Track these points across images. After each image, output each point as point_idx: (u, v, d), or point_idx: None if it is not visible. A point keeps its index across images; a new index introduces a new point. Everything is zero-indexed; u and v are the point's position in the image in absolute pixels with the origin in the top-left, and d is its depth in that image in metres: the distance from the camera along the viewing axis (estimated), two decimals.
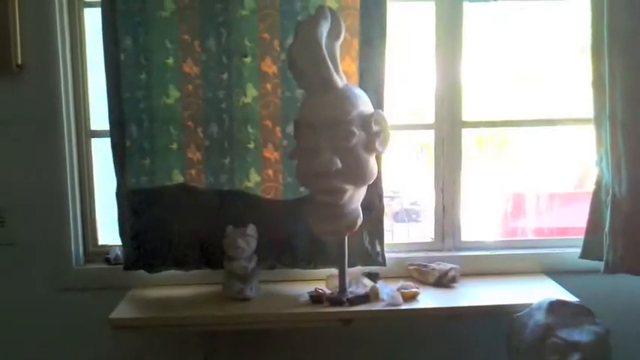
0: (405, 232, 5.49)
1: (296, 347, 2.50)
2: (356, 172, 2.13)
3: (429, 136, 2.54)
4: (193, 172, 2.36)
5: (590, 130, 2.40)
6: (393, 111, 2.37)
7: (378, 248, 2.41)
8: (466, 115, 2.51)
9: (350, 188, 2.15)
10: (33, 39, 2.35)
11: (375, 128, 2.14)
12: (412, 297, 2.23)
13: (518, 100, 3.36)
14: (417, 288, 2.27)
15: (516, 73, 3.29)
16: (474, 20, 2.51)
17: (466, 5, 2.45)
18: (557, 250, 2.53)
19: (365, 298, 2.22)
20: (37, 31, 2.35)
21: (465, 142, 2.54)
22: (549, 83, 3.15)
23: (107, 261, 2.47)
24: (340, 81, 2.13)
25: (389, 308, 2.18)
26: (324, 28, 2.10)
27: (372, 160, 2.17)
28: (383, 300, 2.21)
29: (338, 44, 2.17)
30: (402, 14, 2.55)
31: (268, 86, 2.33)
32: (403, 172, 4.94)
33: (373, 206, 2.36)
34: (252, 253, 2.29)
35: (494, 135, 4.42)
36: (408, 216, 5.79)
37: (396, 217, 5.59)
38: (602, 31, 2.29)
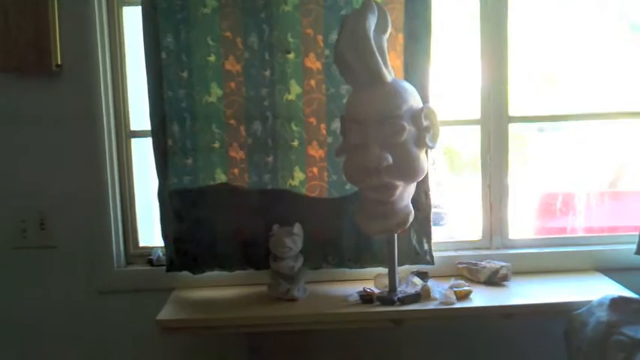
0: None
1: (342, 349, 2.44)
2: (407, 168, 2.08)
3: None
4: (236, 171, 2.31)
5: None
6: (439, 106, 2.32)
7: (426, 247, 2.35)
8: (513, 110, 2.45)
9: (400, 185, 2.09)
10: (72, 38, 2.31)
11: (425, 123, 2.09)
12: (465, 295, 2.16)
13: (565, 94, 3.30)
14: (469, 286, 2.21)
15: (562, 66, 3.22)
16: (519, 12, 2.46)
17: None
18: (610, 247, 2.46)
19: (416, 298, 2.16)
20: (76, 30, 2.31)
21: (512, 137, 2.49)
22: (595, 77, 3.08)
23: (150, 262, 2.43)
24: (389, 75, 2.08)
25: (443, 307, 2.11)
26: (372, 21, 2.05)
27: (422, 156, 2.12)
28: (435, 299, 2.15)
29: (385, 38, 2.12)
30: (446, 7, 2.49)
31: (312, 83, 2.28)
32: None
33: (419, 204, 2.30)
34: (299, 253, 2.24)
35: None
36: (433, 220, 5.72)
37: None
38: None
